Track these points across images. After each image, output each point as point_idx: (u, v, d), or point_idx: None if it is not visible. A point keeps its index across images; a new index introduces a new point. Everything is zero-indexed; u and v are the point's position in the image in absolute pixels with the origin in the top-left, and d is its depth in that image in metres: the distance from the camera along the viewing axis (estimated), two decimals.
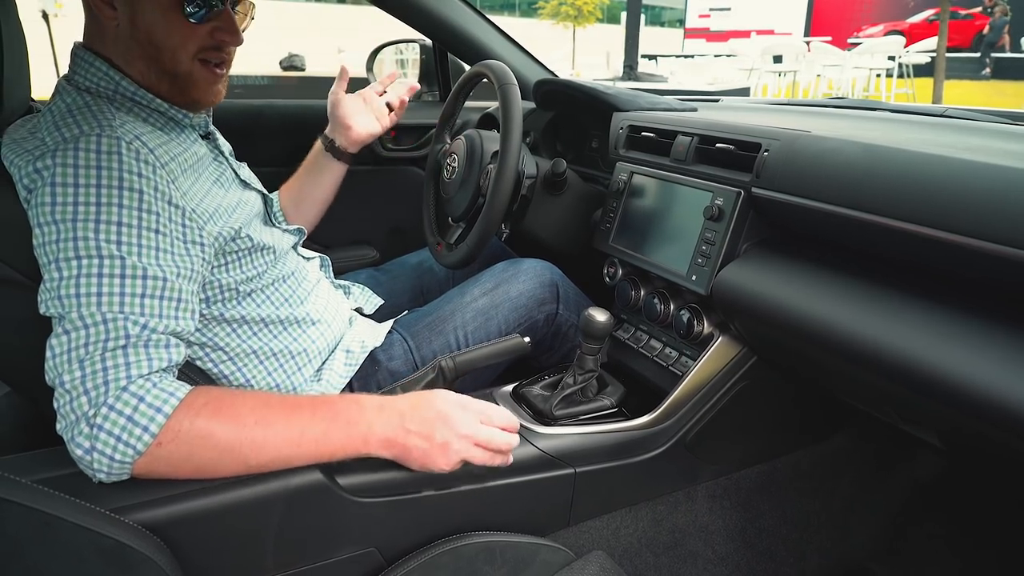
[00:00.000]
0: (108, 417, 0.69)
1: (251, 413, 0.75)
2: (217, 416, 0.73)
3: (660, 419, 1.05)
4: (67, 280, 0.73)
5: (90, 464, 0.70)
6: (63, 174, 0.75)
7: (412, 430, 0.80)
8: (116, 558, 0.65)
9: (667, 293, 1.13)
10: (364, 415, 0.80)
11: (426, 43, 1.85)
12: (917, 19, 14.59)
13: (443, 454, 0.80)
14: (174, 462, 0.72)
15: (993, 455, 0.85)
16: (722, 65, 10.65)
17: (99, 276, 0.74)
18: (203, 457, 0.73)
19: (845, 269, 0.89)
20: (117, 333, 0.73)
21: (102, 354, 0.71)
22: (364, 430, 0.79)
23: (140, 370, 0.72)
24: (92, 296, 0.73)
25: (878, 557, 1.32)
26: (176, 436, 0.71)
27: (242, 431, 0.74)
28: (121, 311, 0.73)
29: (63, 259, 0.74)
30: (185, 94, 0.91)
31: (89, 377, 0.70)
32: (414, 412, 0.81)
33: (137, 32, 0.86)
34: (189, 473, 0.74)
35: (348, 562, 0.85)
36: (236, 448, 0.74)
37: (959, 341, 0.73)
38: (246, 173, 1.09)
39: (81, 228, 0.74)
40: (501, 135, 1.16)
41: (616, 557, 1.08)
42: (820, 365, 0.95)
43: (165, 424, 0.70)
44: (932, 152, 0.78)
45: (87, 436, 0.69)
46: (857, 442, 1.27)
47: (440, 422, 0.81)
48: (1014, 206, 0.68)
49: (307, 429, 0.77)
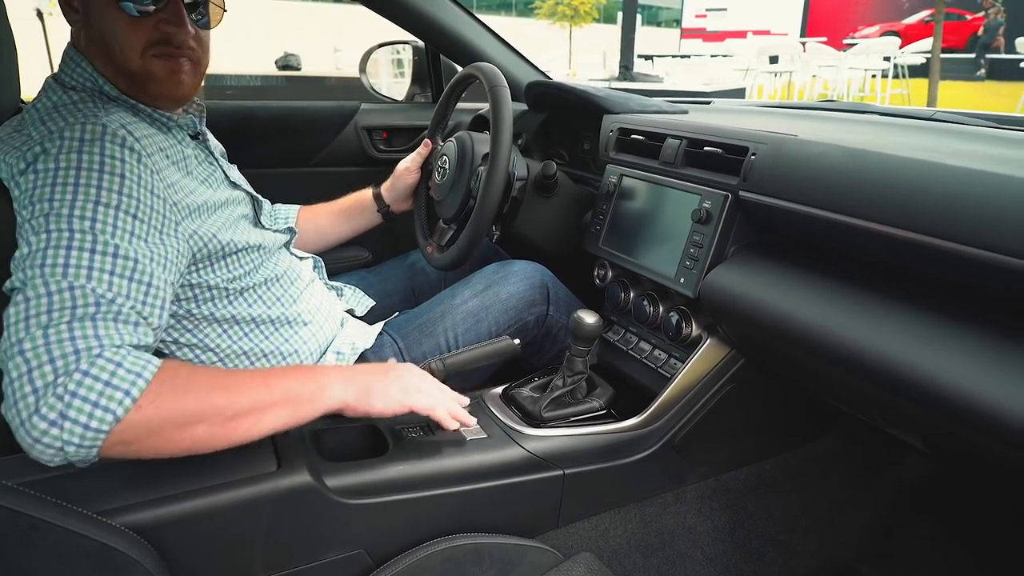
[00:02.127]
0: (82, 383, 0.64)
1: (223, 374, 0.77)
2: (191, 376, 0.72)
3: (649, 421, 1.05)
4: (33, 253, 0.70)
5: (58, 437, 0.63)
6: (44, 159, 0.75)
7: (369, 371, 0.89)
8: (103, 561, 0.65)
9: (656, 295, 1.13)
10: (327, 368, 0.86)
11: (419, 44, 1.86)
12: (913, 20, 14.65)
13: (399, 386, 0.88)
14: (146, 426, 0.67)
15: (976, 459, 0.86)
16: (718, 65, 10.67)
17: (68, 248, 0.70)
18: (179, 418, 0.69)
19: (830, 272, 0.90)
20: (85, 301, 0.68)
21: (69, 322, 0.66)
22: (328, 374, 0.83)
23: (112, 340, 0.67)
24: (58, 267, 0.69)
25: (866, 558, 1.33)
26: (155, 400, 0.67)
27: (214, 389, 0.72)
28: (88, 283, 0.69)
29: (32, 233, 0.71)
30: (145, 90, 0.90)
31: (55, 345, 0.64)
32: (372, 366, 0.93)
33: (93, 32, 0.88)
34: (160, 439, 0.69)
35: (336, 564, 0.86)
36: (211, 404, 0.71)
37: (939, 344, 0.73)
38: (235, 174, 1.10)
39: (57, 204, 0.72)
40: (491, 137, 1.16)
41: (605, 558, 1.08)
42: (805, 367, 0.95)
43: (143, 390, 0.66)
44: (916, 157, 0.79)
45: (53, 407, 0.63)
46: (845, 444, 1.28)
47: (394, 368, 0.91)
48: (995, 211, 0.68)
49: (277, 379, 0.79)
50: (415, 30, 1.62)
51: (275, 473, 0.80)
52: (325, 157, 1.74)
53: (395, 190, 1.39)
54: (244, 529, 0.78)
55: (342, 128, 1.75)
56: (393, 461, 0.89)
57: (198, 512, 0.75)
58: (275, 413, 0.76)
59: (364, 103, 1.82)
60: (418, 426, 0.97)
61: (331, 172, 1.75)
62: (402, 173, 1.39)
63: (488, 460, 0.94)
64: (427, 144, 1.41)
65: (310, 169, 1.74)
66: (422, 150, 1.41)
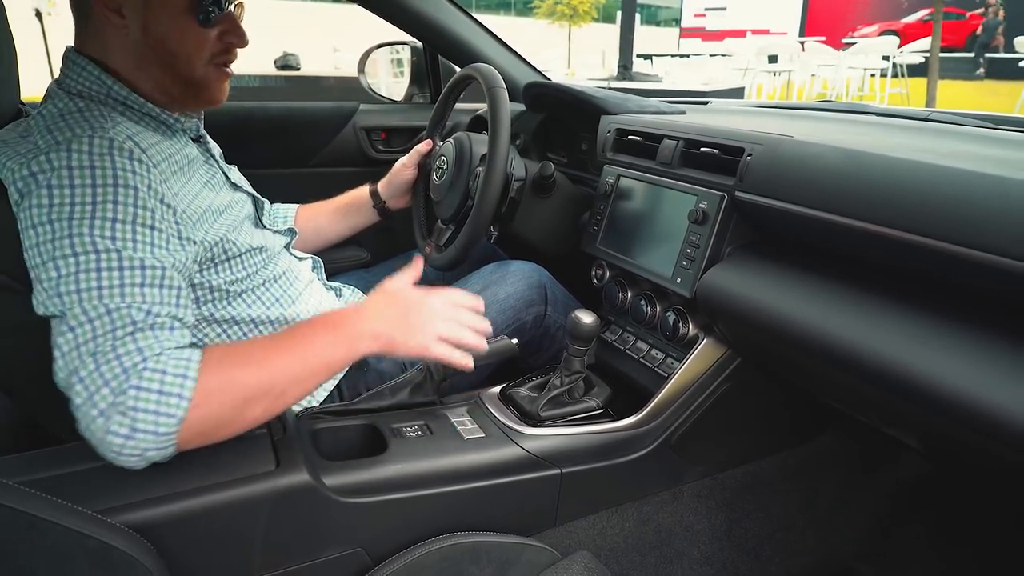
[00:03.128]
0: (139, 397, 0.69)
1: (260, 352, 0.79)
2: (235, 364, 0.76)
3: (646, 420, 1.06)
4: (65, 277, 0.73)
5: (135, 447, 0.69)
6: (58, 176, 0.76)
7: (390, 320, 0.89)
8: (102, 559, 0.66)
9: (653, 295, 1.14)
10: (351, 321, 0.87)
11: (417, 45, 1.86)
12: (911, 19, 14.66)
13: (423, 333, 0.90)
14: (213, 419, 0.74)
15: (972, 459, 0.86)
16: (717, 65, 10.68)
17: (97, 270, 0.74)
18: (236, 405, 0.75)
19: (826, 272, 0.90)
20: (123, 321, 0.72)
21: (112, 343, 0.71)
22: (354, 332, 0.86)
23: (152, 350, 0.72)
24: (92, 290, 0.73)
25: (863, 557, 1.33)
26: (208, 394, 0.72)
27: (260, 370, 0.77)
28: (123, 301, 0.73)
29: (59, 257, 0.74)
30: (199, 97, 0.94)
31: (106, 368, 0.70)
32: (389, 308, 0.90)
33: (150, 39, 0.87)
34: (228, 426, 0.76)
35: (334, 562, 0.86)
36: (259, 386, 0.77)
37: (936, 345, 0.74)
38: (236, 176, 1.10)
39: (76, 226, 0.75)
40: (489, 138, 1.17)
41: (602, 557, 1.09)
42: (802, 367, 0.96)
43: (195, 386, 0.72)
44: (911, 158, 0.80)
45: (122, 423, 0.68)
46: (842, 443, 1.28)
47: (412, 309, 0.91)
48: (991, 212, 0.68)
49: (310, 349, 0.82)
50: (413, 31, 1.63)
51: (273, 472, 0.80)
52: (324, 158, 1.75)
53: (391, 187, 1.39)
54: (243, 527, 0.79)
55: (341, 128, 1.75)
56: (391, 460, 0.89)
57: (197, 511, 0.75)
58: (316, 378, 0.83)
59: (363, 104, 1.83)
60: (416, 425, 0.98)
61: (330, 172, 1.76)
62: (399, 170, 1.39)
63: (486, 459, 0.95)
64: (427, 143, 1.42)
65: (309, 170, 1.74)
66: (421, 148, 1.41)
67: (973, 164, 0.75)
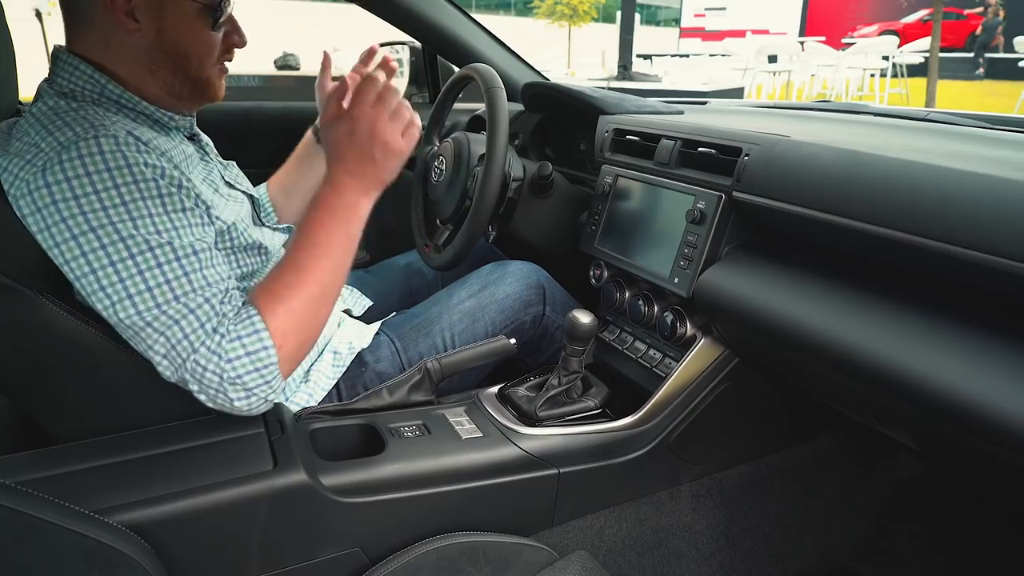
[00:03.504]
0: (237, 368, 0.79)
1: (294, 274, 0.87)
2: (284, 297, 0.85)
3: (644, 420, 1.06)
4: (130, 280, 0.78)
5: (258, 399, 0.82)
6: (80, 185, 0.77)
7: (363, 173, 0.92)
8: (100, 559, 0.66)
9: (651, 295, 1.14)
10: (339, 198, 0.91)
11: (416, 45, 1.86)
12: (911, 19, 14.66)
13: (391, 155, 0.94)
14: (297, 342, 0.85)
15: (970, 460, 0.86)
16: (717, 65, 10.67)
17: (159, 266, 0.79)
18: (302, 321, 0.86)
19: (823, 272, 0.90)
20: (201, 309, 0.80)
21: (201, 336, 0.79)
22: (349, 205, 0.91)
23: (223, 323, 0.81)
24: (163, 286, 0.79)
25: (861, 556, 1.33)
26: (282, 331, 0.83)
27: (306, 287, 0.87)
28: (195, 293, 0.80)
29: (118, 261, 0.77)
30: (204, 96, 0.96)
31: (203, 357, 0.79)
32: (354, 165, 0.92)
33: (164, 44, 0.88)
34: (312, 336, 0.88)
35: (332, 562, 0.86)
36: (313, 297, 0.87)
37: (934, 345, 0.73)
38: (233, 173, 1.10)
39: (122, 229, 0.77)
40: (487, 138, 1.17)
41: (600, 557, 1.09)
42: (799, 367, 0.96)
43: (269, 334, 0.82)
44: (908, 158, 0.80)
45: (238, 392, 0.80)
46: (840, 442, 1.28)
47: (366, 148, 0.92)
48: (990, 213, 0.68)
49: (330, 244, 0.89)
50: (412, 31, 1.63)
51: (271, 472, 0.80)
52: None
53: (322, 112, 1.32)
54: (240, 527, 0.79)
55: None
56: (389, 460, 0.90)
57: (194, 510, 0.76)
58: (348, 257, 0.92)
59: None
60: (414, 425, 0.98)
61: None
62: (320, 93, 1.26)
63: (484, 459, 0.95)
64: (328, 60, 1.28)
65: None
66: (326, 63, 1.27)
67: (971, 164, 0.75)
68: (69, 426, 0.87)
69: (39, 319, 0.81)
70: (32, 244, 0.79)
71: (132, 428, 0.86)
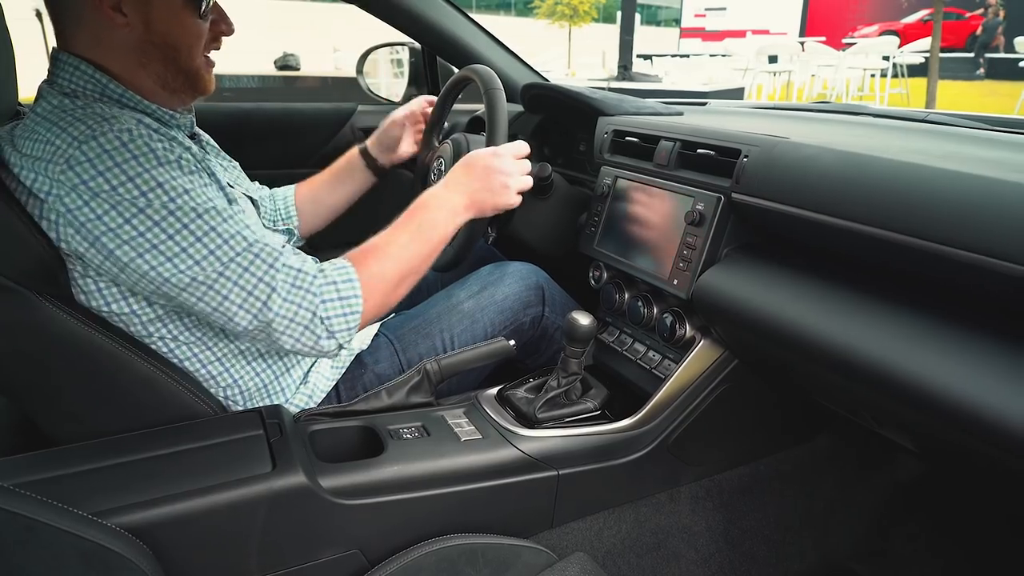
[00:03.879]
0: (328, 307, 0.86)
1: (393, 246, 0.97)
2: (378, 259, 0.94)
3: (643, 422, 1.06)
4: (191, 248, 0.81)
5: (337, 342, 0.89)
6: (114, 176, 0.79)
7: (477, 188, 1.06)
8: (98, 562, 0.66)
9: (650, 297, 1.14)
10: (446, 198, 1.05)
11: (416, 46, 1.86)
12: (911, 19, 14.67)
13: (505, 193, 1.09)
14: (378, 303, 0.93)
15: (967, 461, 0.86)
16: (717, 65, 10.67)
17: (214, 229, 0.83)
18: (389, 287, 0.94)
19: (823, 274, 0.90)
20: (269, 252, 0.85)
21: (277, 273, 0.85)
22: (451, 207, 1.04)
23: (311, 268, 0.88)
24: (224, 246, 0.82)
25: (860, 557, 1.33)
26: (370, 288, 0.91)
27: (399, 258, 0.96)
28: (251, 242, 0.84)
29: (174, 233, 0.81)
30: (195, 87, 0.96)
31: (290, 295, 0.85)
32: (470, 179, 1.07)
33: (153, 35, 0.89)
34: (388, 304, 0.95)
35: (331, 564, 0.86)
36: (402, 270, 0.96)
37: (932, 347, 0.73)
38: (235, 175, 1.10)
39: (170, 204, 0.81)
40: (487, 139, 1.17)
41: (599, 558, 1.09)
42: (798, 369, 0.96)
43: (361, 285, 0.89)
44: (906, 160, 0.80)
45: (322, 331, 0.87)
46: (839, 444, 1.28)
47: (491, 173, 1.07)
48: (989, 215, 0.68)
49: (427, 231, 1.00)
50: (411, 32, 1.63)
51: (270, 474, 0.80)
52: (322, 158, 1.74)
53: (381, 143, 1.38)
54: (239, 529, 0.79)
55: (339, 129, 1.75)
56: (388, 462, 0.90)
57: (193, 513, 0.76)
58: (437, 251, 1.02)
59: (361, 105, 1.83)
60: (413, 427, 0.98)
61: None
62: (389, 126, 1.38)
63: (483, 461, 0.95)
64: (426, 101, 1.40)
65: (307, 171, 1.73)
66: (413, 105, 1.39)
67: (970, 166, 0.75)
68: (68, 427, 0.87)
69: (38, 320, 0.81)
70: (31, 244, 0.80)
71: (131, 430, 0.86)
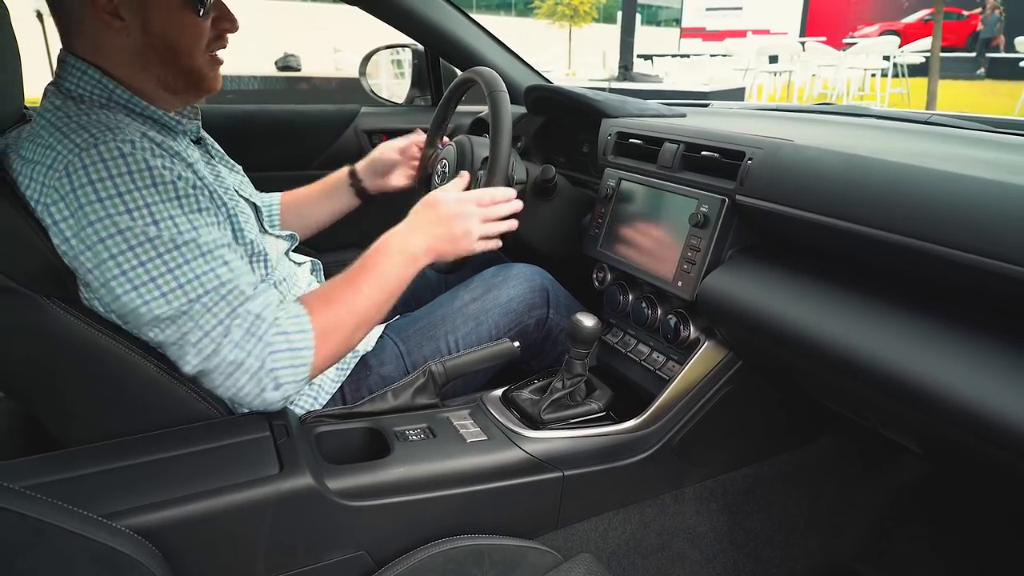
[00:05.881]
0: (276, 359, 0.83)
1: (348, 291, 0.93)
2: (332, 306, 0.91)
3: (647, 423, 1.06)
4: (162, 279, 0.80)
5: (284, 395, 0.86)
6: (104, 188, 0.78)
7: (439, 234, 1.03)
8: (108, 564, 0.66)
9: (655, 298, 1.14)
10: (407, 243, 1.01)
11: (418, 48, 1.86)
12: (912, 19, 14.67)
13: (467, 240, 1.06)
14: (331, 353, 0.90)
15: (971, 462, 0.87)
16: (717, 65, 10.67)
17: (187, 262, 0.81)
18: (343, 335, 0.91)
19: (826, 276, 0.90)
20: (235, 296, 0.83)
21: (237, 322, 0.82)
22: (411, 253, 1.00)
23: (269, 316, 0.84)
24: (194, 281, 0.81)
25: (864, 558, 1.33)
26: (324, 336, 0.87)
27: (353, 305, 0.92)
28: (224, 282, 0.83)
29: (147, 260, 0.79)
30: (199, 87, 0.95)
31: (242, 344, 0.82)
32: (433, 225, 1.04)
33: (152, 38, 0.88)
34: (342, 352, 0.92)
35: (338, 565, 0.87)
36: (356, 317, 0.92)
37: (937, 349, 0.74)
38: (238, 179, 1.10)
39: (150, 230, 0.79)
40: (490, 141, 1.17)
41: (604, 559, 1.09)
42: (802, 370, 0.96)
43: (313, 336, 0.86)
44: (909, 162, 0.80)
45: (268, 384, 0.84)
46: (843, 444, 1.29)
47: (452, 220, 1.04)
48: (989, 217, 0.69)
49: (383, 277, 0.97)
50: (414, 34, 1.63)
51: (277, 476, 0.81)
52: (325, 160, 1.75)
53: (371, 168, 1.38)
54: (247, 531, 0.79)
55: (342, 131, 1.76)
56: (394, 463, 0.90)
57: (202, 514, 0.76)
58: (394, 297, 0.98)
59: (364, 106, 1.83)
60: (419, 428, 0.98)
61: None
62: (383, 151, 1.38)
63: (488, 462, 0.95)
64: (420, 137, 1.40)
65: (311, 172, 1.74)
66: (413, 138, 1.39)
67: (972, 168, 0.75)
68: (75, 429, 0.87)
69: (46, 323, 0.81)
70: (39, 248, 0.80)
71: (139, 432, 0.87)
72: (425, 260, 1.02)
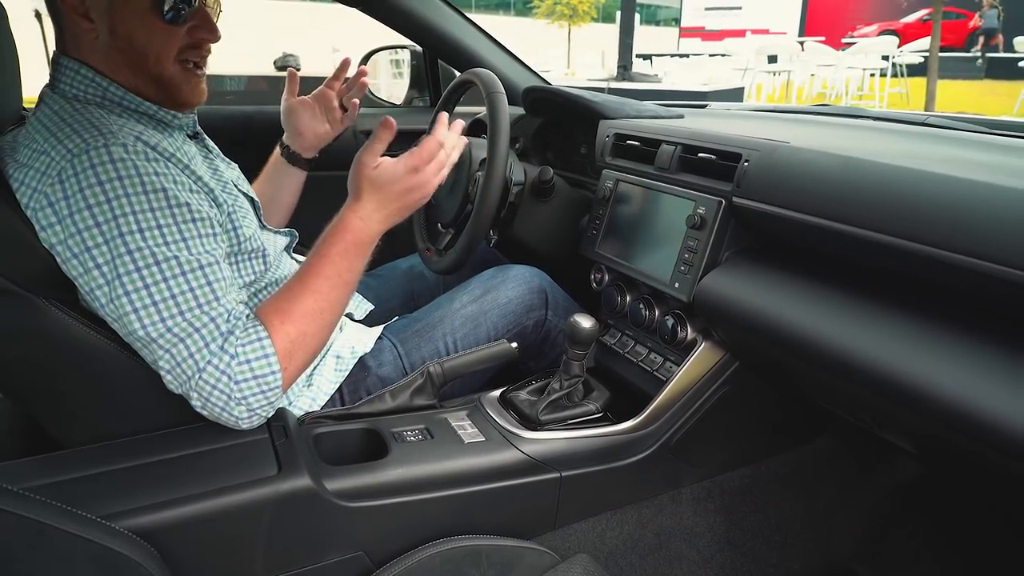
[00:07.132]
0: (243, 388, 0.82)
1: (307, 296, 0.89)
2: (293, 318, 0.87)
3: (645, 424, 1.07)
4: (136, 295, 0.79)
5: (259, 417, 0.85)
6: (93, 195, 0.78)
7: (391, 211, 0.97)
8: (107, 565, 0.66)
9: (652, 299, 1.14)
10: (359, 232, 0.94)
11: (417, 49, 1.86)
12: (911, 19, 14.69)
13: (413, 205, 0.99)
14: (300, 363, 0.88)
15: (966, 463, 0.87)
16: (716, 65, 10.67)
17: (165, 280, 0.80)
18: (310, 344, 0.89)
19: (823, 277, 0.91)
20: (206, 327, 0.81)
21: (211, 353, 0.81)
22: (366, 239, 0.95)
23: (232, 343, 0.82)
24: (168, 300, 0.80)
25: (861, 558, 1.34)
26: (288, 352, 0.85)
27: (314, 311, 0.89)
28: (201, 309, 0.81)
29: (124, 275, 0.78)
30: (172, 97, 0.93)
31: (209, 375, 0.81)
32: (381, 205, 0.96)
33: (118, 41, 0.87)
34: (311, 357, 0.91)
35: (336, 566, 0.87)
36: (321, 321, 0.89)
37: (932, 351, 0.74)
38: (236, 175, 1.10)
39: (131, 241, 0.79)
40: (488, 143, 1.17)
41: (602, 560, 1.09)
42: (798, 372, 0.97)
43: (277, 358, 0.84)
44: (905, 164, 0.80)
45: (241, 410, 0.83)
46: (839, 445, 1.29)
47: (405, 193, 0.97)
48: (986, 220, 0.69)
49: (342, 273, 0.92)
50: (412, 35, 1.63)
51: (275, 477, 0.81)
52: (323, 161, 1.75)
53: (289, 133, 1.34)
54: (246, 532, 0.80)
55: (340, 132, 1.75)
56: (392, 464, 0.90)
57: (200, 515, 0.76)
58: (354, 287, 0.96)
59: (362, 107, 1.83)
60: (417, 429, 0.99)
61: (329, 176, 1.75)
62: (284, 112, 1.33)
63: (486, 463, 0.96)
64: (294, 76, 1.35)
65: (309, 174, 1.75)
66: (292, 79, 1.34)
67: (968, 171, 0.75)
68: (75, 430, 0.88)
69: (45, 325, 0.82)
70: (38, 250, 0.80)
71: (138, 433, 0.87)
72: (378, 238, 0.98)
